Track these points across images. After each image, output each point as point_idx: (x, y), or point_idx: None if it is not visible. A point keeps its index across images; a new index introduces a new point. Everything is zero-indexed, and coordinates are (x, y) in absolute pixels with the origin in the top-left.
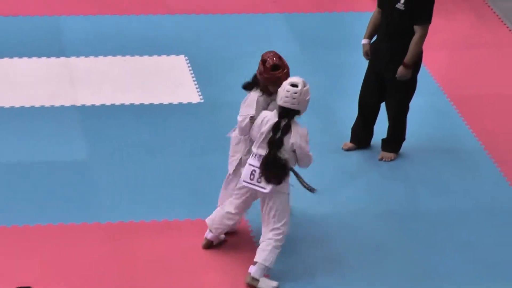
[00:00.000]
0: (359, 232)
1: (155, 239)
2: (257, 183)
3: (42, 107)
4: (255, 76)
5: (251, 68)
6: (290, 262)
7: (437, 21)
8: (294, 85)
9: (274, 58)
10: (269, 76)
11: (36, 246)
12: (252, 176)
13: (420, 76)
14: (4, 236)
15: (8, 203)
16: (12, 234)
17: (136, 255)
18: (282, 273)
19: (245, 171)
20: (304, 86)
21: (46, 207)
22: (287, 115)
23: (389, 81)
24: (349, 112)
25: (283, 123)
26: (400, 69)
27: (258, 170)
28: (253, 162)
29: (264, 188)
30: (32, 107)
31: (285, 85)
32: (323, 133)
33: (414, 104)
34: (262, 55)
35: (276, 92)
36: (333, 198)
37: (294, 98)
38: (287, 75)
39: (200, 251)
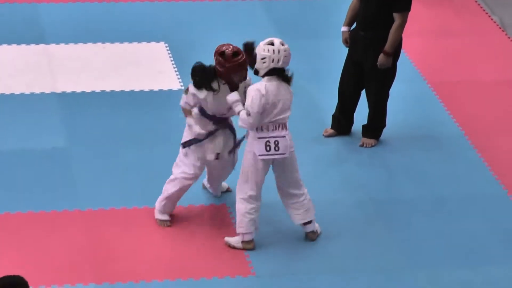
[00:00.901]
0: (338, 220)
1: (137, 226)
2: (275, 152)
3: (22, 94)
4: (209, 72)
5: None
6: (269, 251)
7: (417, 8)
8: (272, 43)
9: (231, 47)
10: (232, 64)
11: (17, 233)
12: (268, 148)
13: (400, 63)
14: None
15: None
16: None
17: (117, 242)
18: (261, 262)
19: (258, 146)
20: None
21: (26, 194)
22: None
23: (368, 69)
24: (329, 99)
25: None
26: (381, 57)
27: (272, 140)
28: (265, 134)
29: (283, 153)
30: (12, 95)
31: (277, 45)
32: (303, 120)
33: (394, 90)
34: (216, 49)
35: (240, 81)
36: (312, 185)
37: (288, 55)
38: (246, 61)
39: (184, 238)
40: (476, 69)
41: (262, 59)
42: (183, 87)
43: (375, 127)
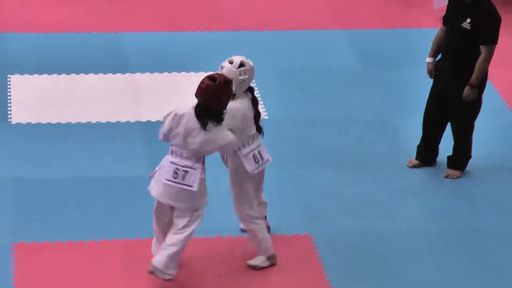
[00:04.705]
0: (420, 249)
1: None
2: (262, 162)
3: (108, 122)
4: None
5: (314, 85)
6: (353, 276)
7: (503, 38)
8: (242, 64)
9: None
10: (222, 85)
11: (105, 260)
12: (256, 160)
13: (486, 94)
14: (66, 252)
15: (69, 218)
16: (73, 249)
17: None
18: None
19: (248, 163)
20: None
21: (111, 222)
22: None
23: (451, 101)
24: (414, 129)
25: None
26: (466, 90)
27: (256, 152)
28: (249, 149)
29: (268, 159)
30: (98, 123)
31: (248, 64)
32: (387, 150)
33: (480, 121)
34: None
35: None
36: (395, 215)
37: None
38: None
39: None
40: None
41: (241, 83)
42: (267, 117)
43: (460, 158)
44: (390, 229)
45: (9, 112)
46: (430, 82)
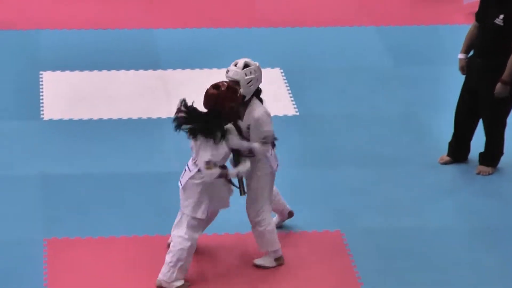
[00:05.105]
0: (451, 247)
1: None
2: (276, 161)
3: (139, 119)
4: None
5: (344, 82)
6: (383, 273)
7: None
8: (248, 65)
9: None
10: (230, 92)
11: (130, 256)
12: (276, 158)
13: None
14: (97, 248)
15: (100, 214)
16: (104, 245)
17: (237, 269)
18: (376, 283)
19: (272, 161)
20: None
21: (142, 217)
22: None
23: (483, 97)
24: (445, 126)
25: None
26: (498, 86)
27: (273, 152)
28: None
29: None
30: (129, 119)
31: (253, 64)
32: (418, 147)
33: None
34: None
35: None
36: (426, 212)
37: None
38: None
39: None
40: None
41: (248, 83)
42: (298, 113)
43: (492, 155)
44: (421, 226)
45: (41, 109)
46: (462, 78)
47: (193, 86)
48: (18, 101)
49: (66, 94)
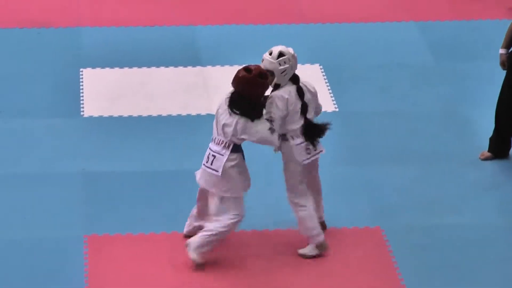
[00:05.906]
0: (493, 244)
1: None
2: (314, 152)
3: (179, 115)
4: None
5: (384, 78)
6: (424, 271)
7: None
8: (282, 54)
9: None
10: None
11: (170, 253)
12: (308, 151)
13: None
14: (137, 244)
15: (140, 211)
16: (144, 241)
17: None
18: (417, 280)
19: (299, 152)
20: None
21: (180, 215)
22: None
23: None
24: (486, 121)
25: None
26: None
27: (305, 144)
28: (299, 140)
29: (322, 150)
30: (169, 116)
31: (288, 53)
32: (459, 143)
33: None
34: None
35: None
36: (466, 208)
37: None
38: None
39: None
40: None
41: (282, 72)
42: (337, 109)
43: None
44: (461, 224)
45: (81, 106)
46: (503, 74)
47: None
48: (58, 98)
49: (106, 91)
